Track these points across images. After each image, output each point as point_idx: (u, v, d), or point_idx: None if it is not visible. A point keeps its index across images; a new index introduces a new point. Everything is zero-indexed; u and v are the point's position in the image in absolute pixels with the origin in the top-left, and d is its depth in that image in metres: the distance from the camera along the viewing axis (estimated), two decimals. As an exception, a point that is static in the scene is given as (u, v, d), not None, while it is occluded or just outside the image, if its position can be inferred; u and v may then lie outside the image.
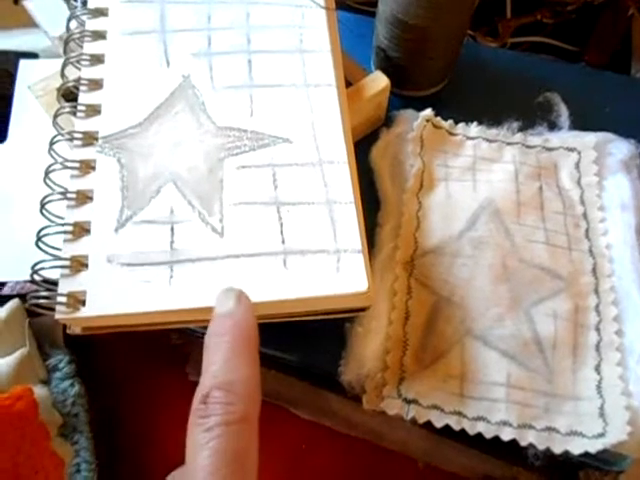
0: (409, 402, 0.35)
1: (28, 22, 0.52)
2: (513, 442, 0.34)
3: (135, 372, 0.47)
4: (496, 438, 0.34)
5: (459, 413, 0.35)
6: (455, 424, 0.35)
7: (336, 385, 0.36)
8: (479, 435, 0.35)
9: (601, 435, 0.33)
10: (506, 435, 0.34)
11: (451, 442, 0.43)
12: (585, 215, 0.40)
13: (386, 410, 0.35)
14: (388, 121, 0.45)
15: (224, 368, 0.25)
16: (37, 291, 0.30)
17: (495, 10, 0.62)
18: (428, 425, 0.35)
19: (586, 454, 0.33)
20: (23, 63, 0.48)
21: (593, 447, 0.32)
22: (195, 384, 0.46)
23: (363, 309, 0.34)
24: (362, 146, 0.43)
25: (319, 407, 0.45)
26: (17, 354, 0.38)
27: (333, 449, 0.45)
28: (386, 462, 0.44)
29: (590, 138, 0.42)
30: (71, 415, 0.40)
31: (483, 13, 0.62)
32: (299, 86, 0.37)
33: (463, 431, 0.35)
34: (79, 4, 0.41)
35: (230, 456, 0.22)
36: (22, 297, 0.40)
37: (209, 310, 0.30)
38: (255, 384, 0.25)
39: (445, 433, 0.36)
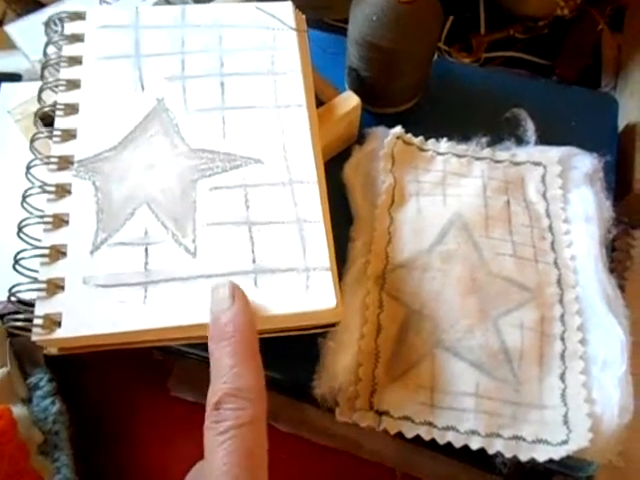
0: (381, 414, 0.36)
1: (12, 44, 0.53)
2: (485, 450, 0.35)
3: (118, 388, 0.48)
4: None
5: (429, 423, 0.36)
6: (425, 434, 0.36)
7: (312, 398, 0.37)
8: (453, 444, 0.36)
9: (565, 442, 0.34)
10: (474, 444, 0.35)
11: (428, 451, 0.44)
12: (551, 228, 0.41)
13: (358, 422, 0.36)
14: (361, 138, 0.46)
15: (231, 376, 0.27)
16: (15, 313, 0.31)
17: (469, 26, 0.64)
18: (403, 435, 0.36)
19: (551, 461, 0.34)
20: (5, 86, 0.49)
21: (557, 454, 0.34)
22: (176, 399, 0.47)
23: (333, 324, 0.35)
24: (335, 163, 0.44)
25: (297, 419, 0.46)
26: (-2, 373, 0.39)
27: (311, 460, 0.45)
28: (364, 472, 0.45)
29: (554, 152, 0.43)
30: (52, 433, 0.40)
31: (457, 29, 0.64)
32: (270, 107, 0.39)
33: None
34: (59, 29, 0.42)
35: (242, 454, 0.26)
36: (3, 317, 0.41)
37: (183, 328, 0.31)
38: (260, 386, 0.28)
39: (422, 442, 0.36)
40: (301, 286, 0.32)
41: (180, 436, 0.46)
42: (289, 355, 0.38)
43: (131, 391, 0.47)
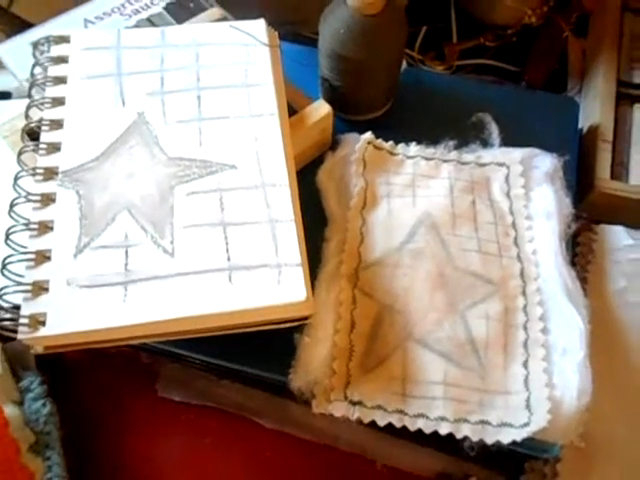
0: (355, 404, 0.38)
1: (0, 64, 0.55)
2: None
3: (108, 390, 0.49)
4: (449, 436, 0.37)
5: (401, 411, 0.38)
6: (397, 422, 0.37)
7: (293, 394, 0.39)
8: (432, 434, 0.37)
9: (526, 425, 0.36)
10: (443, 429, 0.37)
11: (407, 442, 0.46)
12: (514, 224, 0.43)
13: (333, 412, 0.38)
14: (335, 145, 0.48)
15: None
16: (2, 314, 0.33)
17: (442, 36, 0.67)
18: (384, 427, 0.38)
19: (515, 443, 0.36)
20: (-6, 105, 0.51)
21: (519, 436, 0.35)
22: (164, 400, 0.49)
23: (306, 318, 0.37)
24: (310, 169, 0.46)
25: (282, 416, 0.48)
26: (-10, 377, 0.41)
27: (296, 455, 0.47)
28: (346, 464, 0.47)
29: (517, 153, 0.46)
30: (43, 433, 0.42)
31: (430, 39, 0.67)
32: (244, 117, 0.41)
33: (417, 431, 0.37)
34: (45, 50, 0.44)
35: None
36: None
37: (161, 324, 0.33)
38: None
39: (400, 434, 0.38)
40: (273, 281, 0.34)
41: (167, 434, 0.48)
42: (266, 351, 0.40)
43: (120, 393, 0.49)
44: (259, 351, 0.40)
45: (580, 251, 0.46)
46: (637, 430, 0.41)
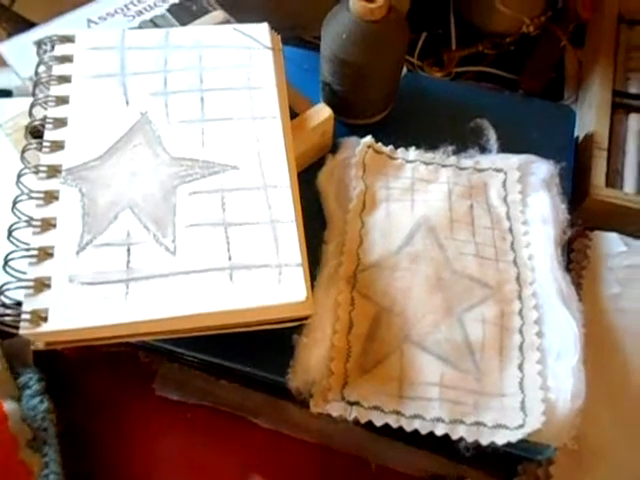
0: (352, 404, 0.38)
1: (3, 62, 0.55)
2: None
3: (106, 388, 0.49)
4: (444, 438, 0.37)
5: (397, 412, 0.38)
6: (394, 422, 0.38)
7: (290, 395, 0.39)
8: (427, 436, 0.38)
9: (521, 426, 0.36)
10: (439, 430, 0.37)
11: (401, 444, 0.46)
12: (511, 229, 0.44)
13: (330, 412, 0.38)
14: (335, 148, 0.49)
15: None
16: (4, 310, 0.33)
17: (441, 42, 0.68)
18: (380, 428, 0.38)
19: (510, 444, 0.36)
20: (-5, 102, 0.51)
21: (514, 437, 0.36)
22: (161, 399, 0.49)
23: (306, 318, 0.37)
24: (311, 172, 0.47)
25: (278, 416, 0.48)
26: (-12, 373, 0.41)
27: (291, 454, 0.47)
28: (341, 464, 0.47)
29: (514, 160, 0.46)
30: (41, 429, 0.42)
31: (430, 45, 0.67)
32: (246, 119, 0.41)
33: (413, 432, 0.38)
34: (49, 49, 0.44)
35: None
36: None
37: (161, 322, 0.34)
38: None
39: (396, 435, 0.39)
40: (274, 280, 0.35)
41: (164, 433, 0.48)
42: (264, 352, 0.40)
43: (118, 391, 0.49)
44: (258, 351, 0.41)
45: (575, 257, 0.47)
46: (630, 434, 0.42)
